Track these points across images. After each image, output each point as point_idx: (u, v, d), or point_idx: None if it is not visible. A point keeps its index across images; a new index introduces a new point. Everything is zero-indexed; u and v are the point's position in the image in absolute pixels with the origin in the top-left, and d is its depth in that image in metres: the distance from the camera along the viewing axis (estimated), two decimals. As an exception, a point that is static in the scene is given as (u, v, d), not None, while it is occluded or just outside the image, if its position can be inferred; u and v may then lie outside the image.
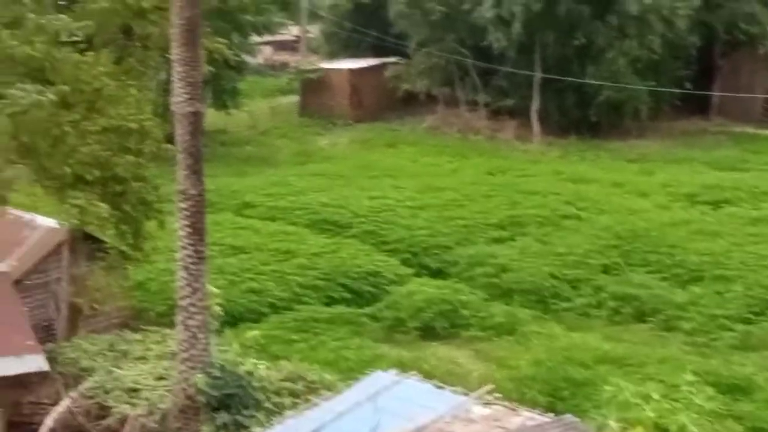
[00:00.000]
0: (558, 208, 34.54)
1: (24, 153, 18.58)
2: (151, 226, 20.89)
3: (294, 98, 58.09)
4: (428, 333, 24.93)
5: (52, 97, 17.51)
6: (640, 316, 25.87)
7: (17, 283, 20.58)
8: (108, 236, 20.98)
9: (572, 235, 31.53)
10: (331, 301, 26.57)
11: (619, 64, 47.45)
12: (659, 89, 48.19)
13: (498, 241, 31.57)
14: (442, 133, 51.80)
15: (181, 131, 16.05)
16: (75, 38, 18.99)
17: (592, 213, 34.25)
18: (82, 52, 19.27)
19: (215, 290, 17.57)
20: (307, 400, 16.02)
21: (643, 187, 38.89)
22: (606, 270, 28.77)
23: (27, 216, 23.07)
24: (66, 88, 18.28)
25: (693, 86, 49.08)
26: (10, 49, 17.99)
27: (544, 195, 36.22)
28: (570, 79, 47.81)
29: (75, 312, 21.05)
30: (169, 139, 18.38)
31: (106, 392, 17.95)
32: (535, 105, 49.61)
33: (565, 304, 26.82)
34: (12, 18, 18.74)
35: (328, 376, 18.24)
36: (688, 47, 49.99)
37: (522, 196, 36.13)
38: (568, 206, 34.88)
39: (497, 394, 14.46)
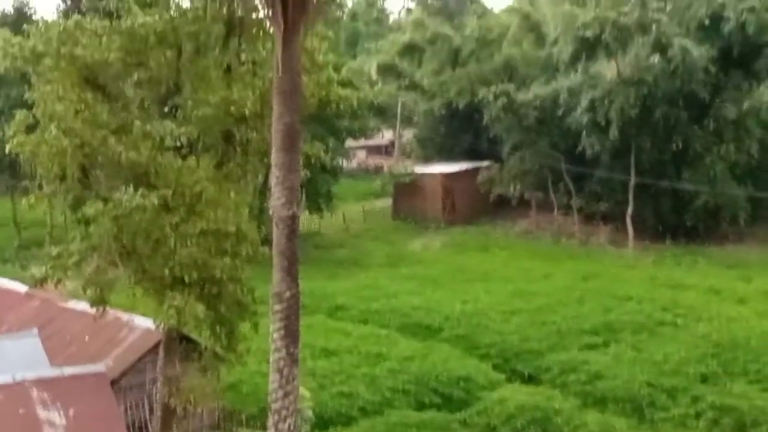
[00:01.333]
0: (653, 315, 33.89)
1: (125, 255, 19.07)
2: (245, 327, 21.09)
3: (387, 201, 58.72)
4: (520, 440, 24.52)
5: (154, 200, 18.03)
6: (741, 428, 25.00)
7: (114, 383, 20.92)
8: (203, 337, 21.25)
9: (668, 343, 30.82)
10: (421, 406, 26.33)
11: (716, 168, 46.93)
12: (757, 194, 47.39)
13: (591, 347, 31.04)
14: (534, 237, 51.66)
15: (277, 234, 16.32)
16: (178, 143, 19.57)
17: (689, 320, 33.47)
18: (184, 157, 19.85)
19: (306, 393, 17.61)
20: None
21: (742, 294, 37.97)
22: (704, 379, 27.98)
23: (125, 316, 23.58)
24: (168, 192, 18.81)
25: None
26: (117, 154, 18.66)
27: (638, 301, 35.61)
28: (666, 183, 47.38)
29: (168, 413, 21.24)
30: (265, 241, 18.68)
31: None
32: (629, 210, 49.17)
33: (661, 414, 26.08)
34: (119, 124, 19.47)
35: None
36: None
37: (616, 301, 35.59)
38: (663, 313, 34.19)
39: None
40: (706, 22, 46.68)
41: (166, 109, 21.63)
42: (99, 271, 18.87)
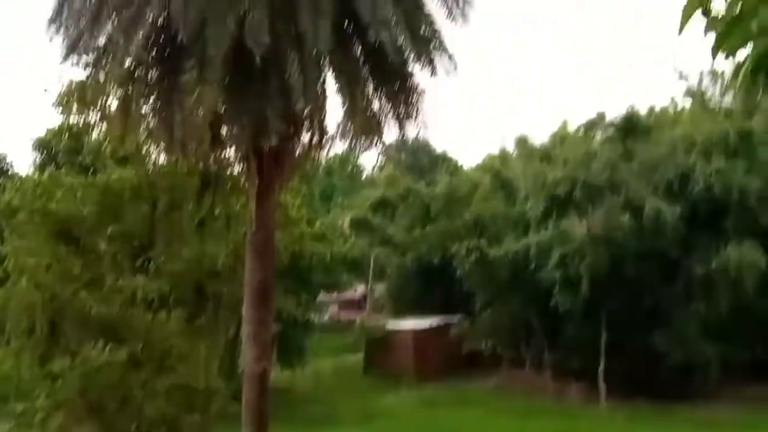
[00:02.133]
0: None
1: (92, 411, 18.76)
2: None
3: (359, 356, 58.28)
4: None
5: (123, 356, 17.87)
6: None
7: None
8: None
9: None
10: None
11: (687, 327, 47.09)
12: (728, 353, 47.43)
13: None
14: (508, 392, 51.18)
15: (248, 390, 16.14)
16: (149, 298, 19.52)
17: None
18: (155, 311, 19.78)
19: None
20: None
21: (716, 453, 37.54)
22: None
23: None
24: (138, 346, 18.66)
25: (764, 349, 48.25)
26: (87, 308, 18.57)
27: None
28: (637, 341, 47.39)
29: None
30: (235, 397, 18.43)
31: None
32: (601, 366, 49.01)
33: None
34: (91, 278, 19.45)
35: None
36: (758, 310, 49.60)
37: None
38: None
39: None
40: (675, 184, 47.72)
41: (138, 263, 21.63)
42: (64, 429, 18.50)
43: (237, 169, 23.08)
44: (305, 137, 20.50)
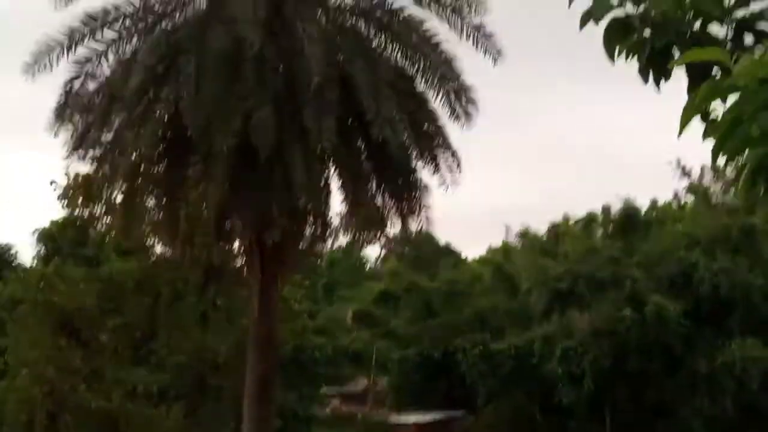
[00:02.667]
0: None
1: None
2: None
3: (361, 451, 57.50)
4: None
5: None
6: None
7: None
8: None
9: None
10: None
11: (692, 422, 46.57)
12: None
13: None
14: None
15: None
16: (150, 391, 19.40)
17: None
18: (155, 404, 19.62)
19: None
20: None
21: None
22: None
23: None
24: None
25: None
26: (87, 401, 18.44)
27: None
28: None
29: None
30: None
31: None
32: (606, 462, 48.29)
33: None
34: (91, 370, 19.35)
35: None
36: (763, 406, 49.10)
37: None
38: None
39: None
40: (678, 280, 47.70)
41: (139, 355, 21.55)
42: None
43: (240, 261, 23.18)
44: (308, 231, 20.63)
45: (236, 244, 21.99)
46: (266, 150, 16.99)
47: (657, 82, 4.61)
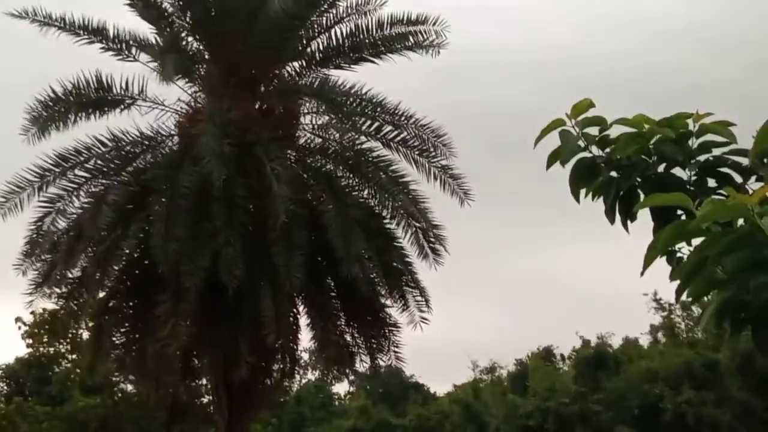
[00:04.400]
0: None
1: None
2: None
3: None
4: None
5: None
6: None
7: None
8: None
9: None
10: None
11: None
12: None
13: None
14: None
15: None
16: None
17: None
18: None
19: None
20: None
21: None
22: None
23: None
24: None
25: None
26: None
27: None
28: None
29: None
30: None
31: None
32: None
33: None
34: None
35: None
36: None
37: None
38: None
39: None
40: (644, 413, 47.45)
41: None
42: None
43: (207, 399, 22.90)
44: (276, 367, 20.51)
45: (204, 381, 21.80)
46: (234, 287, 17.03)
47: (624, 223, 4.75)
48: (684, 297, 3.88)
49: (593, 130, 4.86)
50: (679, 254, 4.05)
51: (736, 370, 44.33)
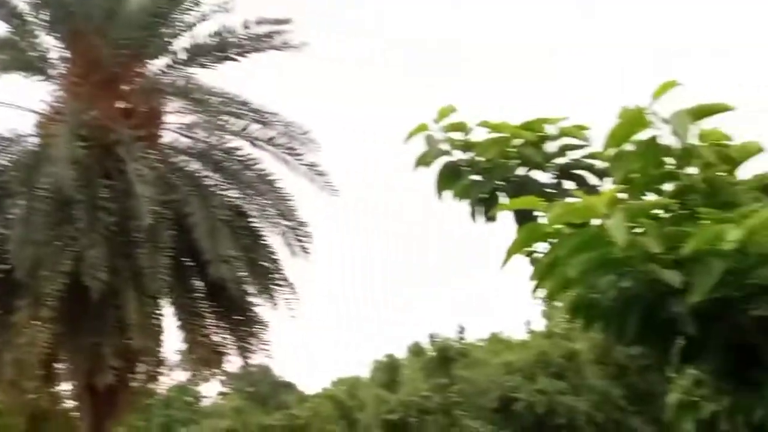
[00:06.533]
0: None
1: None
2: None
3: None
4: None
5: None
6: None
7: None
8: None
9: None
10: None
11: None
12: None
13: None
14: None
15: None
16: None
17: None
18: None
19: None
20: None
21: None
22: None
23: None
24: None
25: None
26: None
27: None
28: None
29: None
30: None
31: None
32: None
33: None
34: None
35: None
36: None
37: None
38: None
39: None
40: (500, 404, 48.49)
41: None
42: None
43: (69, 404, 22.39)
44: (142, 370, 20.22)
45: (67, 385, 21.29)
46: (98, 291, 16.73)
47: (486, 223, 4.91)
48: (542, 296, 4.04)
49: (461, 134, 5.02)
50: (537, 255, 4.21)
51: (595, 359, 45.66)
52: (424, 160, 4.96)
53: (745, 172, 4.27)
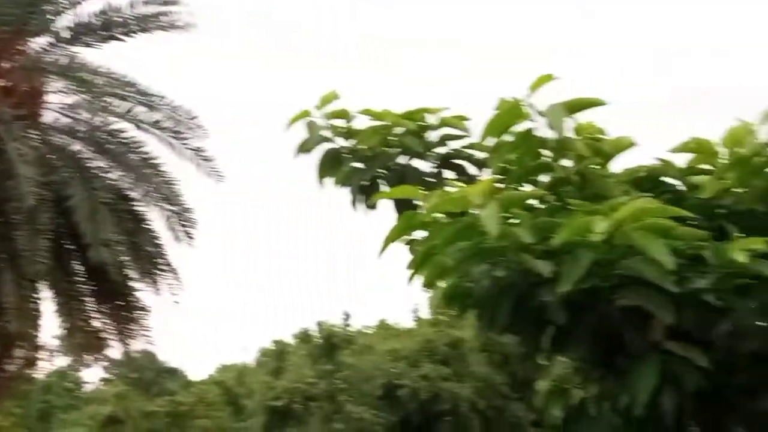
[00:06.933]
0: None
1: None
2: None
3: None
4: None
5: None
6: None
7: None
8: None
9: None
10: None
11: None
12: None
13: None
14: None
15: None
16: None
17: None
18: None
19: None
20: None
21: None
22: None
23: None
24: None
25: None
26: None
27: None
28: None
29: None
30: None
31: None
32: None
33: None
34: None
35: None
36: None
37: None
38: None
39: None
40: (385, 392, 48.82)
41: None
42: None
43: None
44: (19, 355, 19.76)
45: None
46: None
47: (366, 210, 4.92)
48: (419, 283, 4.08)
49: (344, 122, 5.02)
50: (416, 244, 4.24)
51: (480, 347, 46.34)
52: (305, 147, 4.95)
53: (618, 166, 4.40)
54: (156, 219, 19.74)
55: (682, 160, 4.40)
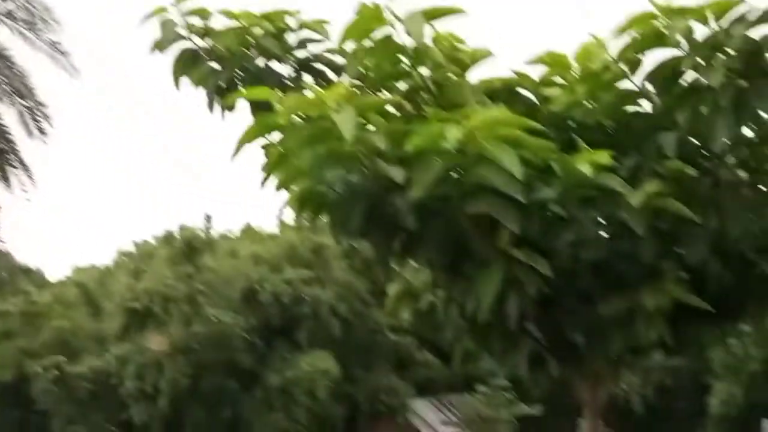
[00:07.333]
0: None
1: None
2: None
3: None
4: None
5: None
6: None
7: None
8: None
9: None
10: None
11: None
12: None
13: None
14: None
15: None
16: None
17: None
18: None
19: None
20: None
21: None
22: None
23: None
24: None
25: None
26: None
27: None
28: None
29: None
30: None
31: None
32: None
33: None
34: None
35: None
36: (334, 418, 51.67)
37: None
38: None
39: None
40: (246, 295, 48.97)
41: None
42: None
43: None
44: None
45: None
46: None
47: (223, 112, 4.84)
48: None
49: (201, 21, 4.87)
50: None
51: (343, 253, 46.79)
52: (160, 45, 4.82)
53: (475, 76, 4.44)
54: (7, 113, 19.06)
55: (537, 73, 4.47)
